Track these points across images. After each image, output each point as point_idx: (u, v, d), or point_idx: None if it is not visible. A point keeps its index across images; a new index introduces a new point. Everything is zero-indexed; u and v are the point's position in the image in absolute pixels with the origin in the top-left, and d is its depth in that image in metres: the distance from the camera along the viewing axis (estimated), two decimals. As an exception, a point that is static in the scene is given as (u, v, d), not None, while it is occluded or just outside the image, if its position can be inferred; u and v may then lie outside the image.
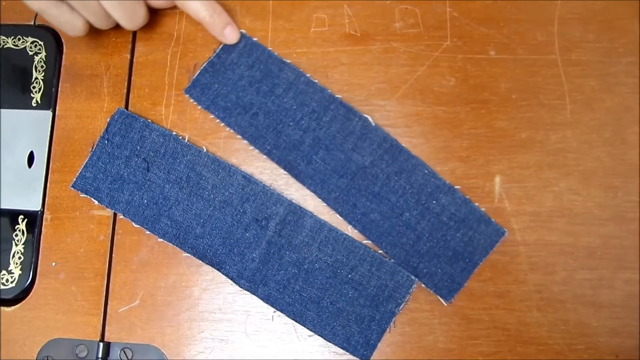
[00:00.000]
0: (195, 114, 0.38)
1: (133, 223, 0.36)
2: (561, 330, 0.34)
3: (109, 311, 0.36)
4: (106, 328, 0.36)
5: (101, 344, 0.35)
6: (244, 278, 0.35)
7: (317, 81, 0.37)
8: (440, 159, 0.36)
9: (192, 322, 0.36)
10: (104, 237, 0.37)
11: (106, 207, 0.36)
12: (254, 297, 0.35)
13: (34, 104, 0.39)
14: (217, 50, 0.38)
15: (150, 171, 0.37)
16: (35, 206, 0.38)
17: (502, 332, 0.34)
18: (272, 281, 0.35)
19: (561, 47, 0.37)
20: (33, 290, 0.37)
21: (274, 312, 0.35)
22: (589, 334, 0.34)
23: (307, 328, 0.35)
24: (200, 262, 0.36)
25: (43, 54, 0.40)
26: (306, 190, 0.37)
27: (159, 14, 0.40)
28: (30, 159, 0.38)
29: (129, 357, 0.35)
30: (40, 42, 0.40)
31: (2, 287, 0.37)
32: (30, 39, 0.40)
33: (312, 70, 0.38)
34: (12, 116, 0.39)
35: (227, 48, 0.38)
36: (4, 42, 0.40)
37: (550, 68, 0.37)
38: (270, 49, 0.38)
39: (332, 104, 0.37)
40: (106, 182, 0.37)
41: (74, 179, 0.37)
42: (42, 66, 0.40)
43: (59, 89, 0.39)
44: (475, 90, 0.37)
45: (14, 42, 0.40)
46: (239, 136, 0.37)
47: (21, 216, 0.38)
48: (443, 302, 0.35)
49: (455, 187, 0.36)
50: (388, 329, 0.35)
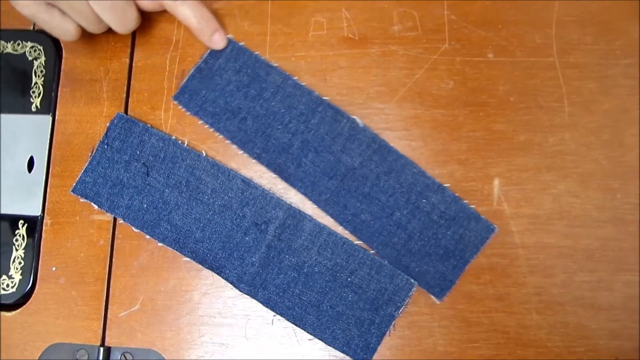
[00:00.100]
0: (194, 118, 0.38)
1: (133, 227, 0.36)
2: (560, 332, 0.34)
3: (109, 316, 0.36)
4: (106, 332, 0.36)
5: (102, 349, 0.35)
6: (244, 282, 0.35)
7: (304, 84, 0.38)
8: (439, 162, 0.37)
9: (192, 326, 0.36)
10: (104, 241, 0.37)
11: (106, 211, 0.37)
12: (254, 301, 0.35)
13: (33, 109, 0.39)
14: (205, 56, 0.38)
15: (149, 175, 0.37)
16: (36, 211, 0.38)
17: (502, 335, 0.34)
18: (272, 285, 0.35)
19: (559, 50, 0.37)
20: (33, 295, 0.37)
21: (274, 316, 0.35)
22: (588, 337, 0.34)
23: (307, 332, 0.35)
24: (200, 266, 0.36)
25: (42, 59, 0.40)
26: (305, 194, 0.37)
27: (157, 19, 0.40)
28: (30, 163, 0.39)
29: (130, 362, 0.36)
30: (39, 47, 0.40)
31: (3, 292, 0.37)
32: (30, 44, 0.40)
33: (311, 74, 0.38)
34: (12, 121, 0.39)
35: (214, 53, 0.38)
36: (3, 47, 0.40)
37: (549, 70, 0.37)
38: (257, 52, 0.38)
39: (319, 106, 0.37)
40: (106, 187, 0.37)
41: (74, 184, 0.37)
42: (41, 71, 0.40)
43: (59, 94, 0.39)
44: (473, 93, 0.37)
45: (14, 47, 0.40)
46: (227, 141, 0.37)
47: (21, 221, 0.38)
48: (435, 300, 0.35)
49: (445, 185, 0.36)
50: (388, 332, 0.35)
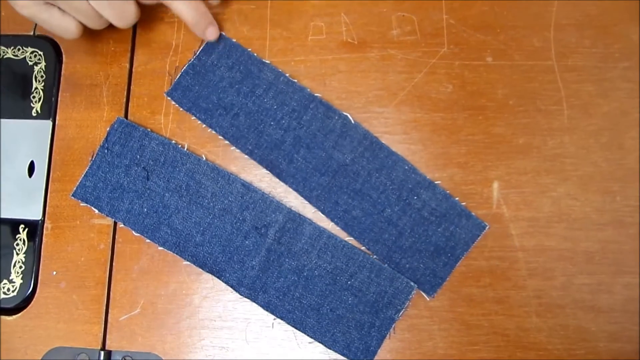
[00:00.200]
0: (194, 122, 0.38)
1: (133, 232, 0.36)
2: (560, 335, 0.34)
3: (109, 319, 0.36)
4: (107, 336, 0.36)
5: (102, 353, 0.35)
6: (244, 285, 0.35)
7: (296, 80, 0.38)
8: (438, 166, 0.37)
9: (193, 329, 0.36)
10: (104, 245, 0.37)
11: (106, 215, 0.37)
12: (254, 304, 0.35)
13: (34, 114, 0.39)
14: (197, 52, 0.38)
15: (150, 180, 0.37)
16: (36, 215, 0.38)
17: (502, 337, 0.34)
18: (272, 288, 0.35)
19: (558, 53, 0.37)
20: (34, 299, 0.37)
21: (274, 319, 0.35)
22: (588, 339, 0.34)
23: (307, 335, 0.35)
24: (201, 270, 0.36)
25: (43, 64, 0.40)
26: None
27: (157, 23, 0.40)
28: (31, 168, 0.39)
29: (130, 366, 0.36)
30: (39, 52, 0.40)
31: (4, 296, 0.37)
32: (30, 49, 0.40)
33: (310, 78, 0.38)
34: (13, 126, 0.39)
35: (207, 50, 0.38)
36: (3, 52, 0.40)
37: (547, 74, 0.37)
38: (249, 49, 0.38)
39: (311, 102, 0.37)
40: (106, 191, 0.37)
41: (74, 188, 0.37)
42: (41, 76, 0.40)
43: (59, 99, 0.39)
44: (472, 97, 0.37)
45: (14, 52, 0.40)
46: (220, 137, 0.37)
47: (22, 225, 0.38)
48: (426, 297, 0.35)
49: (436, 182, 0.36)
50: (388, 335, 0.35)
